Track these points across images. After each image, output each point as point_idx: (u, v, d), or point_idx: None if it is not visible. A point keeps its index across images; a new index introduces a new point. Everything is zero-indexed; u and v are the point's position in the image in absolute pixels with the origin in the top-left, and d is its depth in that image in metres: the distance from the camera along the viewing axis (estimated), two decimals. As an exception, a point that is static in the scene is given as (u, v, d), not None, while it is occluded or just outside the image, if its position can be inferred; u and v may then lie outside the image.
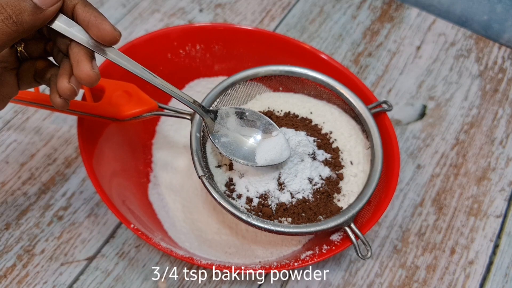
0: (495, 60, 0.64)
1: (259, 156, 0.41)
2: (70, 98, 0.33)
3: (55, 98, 0.33)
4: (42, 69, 0.36)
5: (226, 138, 0.41)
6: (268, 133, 0.42)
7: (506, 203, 0.52)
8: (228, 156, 0.40)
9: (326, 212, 0.42)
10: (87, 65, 0.32)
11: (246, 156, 0.41)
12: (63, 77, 0.33)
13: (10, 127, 0.54)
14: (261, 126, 0.42)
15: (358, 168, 0.45)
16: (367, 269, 0.48)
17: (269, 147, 0.41)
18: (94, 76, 0.32)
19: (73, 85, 0.33)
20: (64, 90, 0.32)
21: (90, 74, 0.32)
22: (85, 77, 0.32)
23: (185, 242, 0.46)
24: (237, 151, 0.41)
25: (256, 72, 0.47)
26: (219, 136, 0.41)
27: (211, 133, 0.41)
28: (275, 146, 0.41)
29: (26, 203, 0.49)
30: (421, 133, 0.57)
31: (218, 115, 0.41)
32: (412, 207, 0.52)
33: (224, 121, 0.41)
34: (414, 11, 0.68)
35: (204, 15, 0.66)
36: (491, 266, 0.49)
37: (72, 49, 0.32)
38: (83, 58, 0.32)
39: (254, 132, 0.42)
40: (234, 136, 0.41)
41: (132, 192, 0.48)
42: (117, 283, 0.46)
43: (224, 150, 0.41)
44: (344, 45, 0.64)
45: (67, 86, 0.32)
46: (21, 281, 0.45)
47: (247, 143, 0.42)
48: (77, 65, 0.32)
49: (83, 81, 0.32)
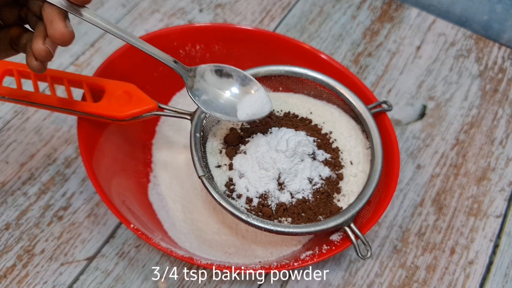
0: (495, 60, 0.64)
1: (240, 111, 0.41)
2: (46, 60, 0.33)
3: (31, 62, 0.33)
4: (18, 36, 0.36)
5: (206, 95, 0.41)
6: (248, 88, 0.42)
7: (506, 203, 0.52)
8: (210, 112, 0.41)
9: (326, 212, 0.42)
10: (61, 24, 0.32)
11: (228, 112, 0.41)
12: (38, 38, 0.33)
13: (10, 127, 0.54)
14: (239, 80, 0.42)
15: (358, 168, 0.45)
16: (367, 269, 0.48)
17: (250, 102, 0.41)
18: (67, 34, 0.32)
19: (48, 46, 0.33)
20: (39, 52, 0.32)
21: (63, 32, 0.32)
22: (59, 36, 0.32)
23: (185, 242, 0.46)
24: (218, 108, 0.41)
25: (256, 72, 0.47)
26: (199, 93, 0.41)
27: (190, 90, 0.41)
28: (256, 101, 0.41)
29: (26, 203, 0.49)
30: (421, 133, 0.57)
31: (197, 73, 0.41)
32: (412, 207, 0.52)
33: (204, 79, 0.41)
34: (414, 11, 0.68)
35: (204, 15, 0.66)
36: (491, 266, 0.49)
37: (45, 9, 0.32)
38: (56, 17, 0.32)
39: (232, 85, 0.42)
40: (214, 93, 0.42)
41: (132, 192, 0.48)
42: (117, 283, 0.46)
43: (205, 107, 0.41)
44: (344, 45, 0.64)
45: (42, 47, 0.32)
46: (21, 281, 0.45)
47: (227, 99, 0.42)
48: (50, 24, 0.32)
49: (57, 40, 0.32)
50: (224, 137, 0.45)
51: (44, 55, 0.33)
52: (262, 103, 0.41)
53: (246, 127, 0.46)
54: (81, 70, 0.60)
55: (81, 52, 0.61)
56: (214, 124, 0.46)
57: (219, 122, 0.46)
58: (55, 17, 0.32)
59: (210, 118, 0.45)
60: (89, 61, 0.60)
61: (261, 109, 0.41)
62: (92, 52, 0.61)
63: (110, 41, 0.62)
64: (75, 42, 0.62)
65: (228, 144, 0.44)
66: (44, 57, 0.33)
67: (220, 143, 0.45)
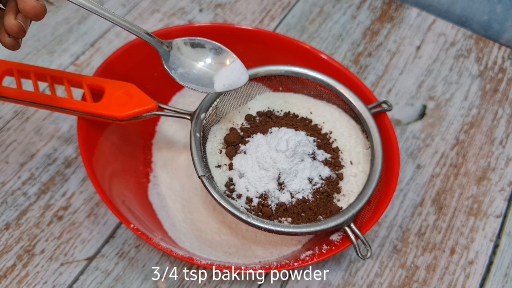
0: (495, 60, 0.64)
1: (217, 83, 0.41)
2: (18, 36, 0.33)
3: (4, 38, 0.33)
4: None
5: (182, 68, 0.41)
6: (223, 59, 0.42)
7: (506, 203, 0.52)
8: (185, 85, 0.41)
9: (326, 212, 0.42)
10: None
11: (204, 83, 0.42)
12: (9, 14, 0.32)
13: (10, 127, 0.54)
14: (213, 51, 0.42)
15: (358, 168, 0.45)
16: (367, 269, 0.48)
17: (226, 73, 0.42)
18: (39, 7, 0.32)
19: (20, 21, 0.32)
20: (11, 27, 0.32)
21: (35, 5, 0.31)
22: (30, 10, 0.31)
23: (185, 242, 0.46)
24: (194, 80, 0.41)
25: (256, 72, 0.47)
26: (175, 66, 0.41)
27: (166, 63, 0.41)
28: (232, 71, 0.42)
29: (26, 203, 0.49)
30: (421, 133, 0.57)
31: (173, 46, 0.42)
32: (412, 207, 0.52)
33: (180, 52, 0.42)
34: (414, 11, 0.68)
35: (204, 15, 0.66)
36: (491, 266, 0.49)
37: None
38: None
39: (207, 57, 0.42)
40: (190, 65, 0.42)
41: (132, 192, 0.48)
42: (117, 283, 0.46)
43: (181, 79, 0.41)
44: (344, 45, 0.64)
45: (14, 23, 0.32)
46: (21, 281, 0.45)
47: (203, 71, 0.42)
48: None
49: (28, 14, 0.31)
50: (224, 137, 0.45)
51: (16, 30, 0.32)
52: (239, 73, 0.42)
53: (246, 127, 0.46)
54: (81, 70, 0.60)
55: (81, 52, 0.61)
56: (214, 124, 0.46)
57: (219, 122, 0.46)
58: None
59: (210, 118, 0.45)
60: (89, 61, 0.60)
61: (238, 80, 0.41)
62: (92, 52, 0.61)
63: (110, 41, 0.62)
64: (75, 42, 0.62)
65: (228, 144, 0.44)
66: (16, 32, 0.32)
67: (220, 143, 0.45)
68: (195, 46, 0.42)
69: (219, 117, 0.46)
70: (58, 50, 0.61)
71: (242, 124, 0.46)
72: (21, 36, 0.33)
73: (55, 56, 0.60)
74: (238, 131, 0.45)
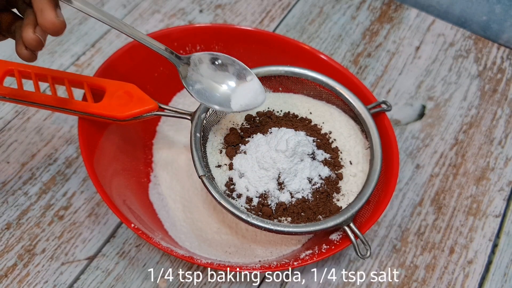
0: (494, 60, 0.64)
1: (234, 102, 0.41)
2: (36, 49, 0.33)
3: (21, 50, 0.33)
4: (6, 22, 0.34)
5: (200, 84, 0.41)
6: (242, 78, 0.42)
7: (505, 202, 0.53)
8: (202, 102, 0.40)
9: (325, 211, 0.42)
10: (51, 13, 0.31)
11: (221, 102, 0.41)
12: (27, 27, 0.32)
13: (11, 127, 0.54)
14: (235, 72, 0.42)
15: (358, 168, 0.45)
16: (366, 269, 0.48)
17: (244, 92, 0.41)
18: (59, 24, 0.31)
19: (38, 35, 0.32)
20: (29, 41, 0.32)
21: (54, 22, 0.31)
22: (49, 26, 0.31)
23: (185, 242, 0.46)
24: (211, 98, 0.41)
25: (256, 72, 0.47)
26: (192, 82, 0.41)
27: (184, 79, 0.40)
28: (250, 91, 0.41)
29: (27, 203, 0.50)
30: (420, 133, 0.57)
31: (191, 61, 0.41)
32: (411, 207, 0.52)
33: (198, 68, 0.41)
34: (413, 11, 0.69)
35: (204, 16, 0.66)
36: (490, 266, 0.49)
37: None
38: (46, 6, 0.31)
39: (227, 78, 0.42)
40: (207, 83, 0.41)
41: (132, 192, 0.48)
42: (117, 283, 0.46)
43: (198, 96, 0.40)
44: (344, 45, 0.65)
45: (32, 37, 0.32)
46: (21, 281, 0.45)
47: (221, 89, 0.41)
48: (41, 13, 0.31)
49: (48, 30, 0.31)
50: (224, 137, 0.45)
51: (34, 44, 0.32)
52: (256, 93, 0.41)
53: (246, 127, 0.46)
54: (82, 70, 0.60)
55: (82, 53, 0.61)
56: (214, 124, 0.46)
57: (219, 122, 0.46)
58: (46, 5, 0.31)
59: (210, 118, 0.45)
60: (89, 61, 0.61)
61: (255, 100, 0.41)
62: (93, 53, 0.61)
63: (110, 42, 0.62)
64: (75, 42, 0.62)
65: (228, 144, 0.45)
66: (34, 46, 0.32)
67: (220, 143, 0.45)
68: (213, 61, 0.42)
69: (219, 117, 0.46)
70: (59, 50, 0.61)
71: (242, 124, 0.46)
72: (39, 49, 0.33)
73: (55, 57, 0.61)
74: (238, 131, 0.45)
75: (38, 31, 0.32)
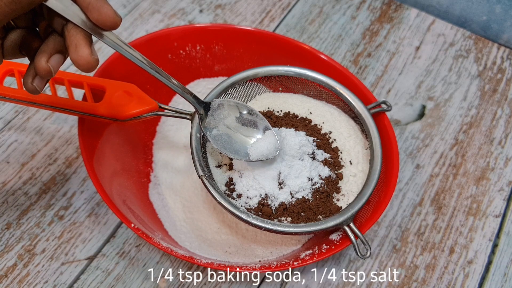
0: (494, 60, 0.64)
1: (251, 153, 0.41)
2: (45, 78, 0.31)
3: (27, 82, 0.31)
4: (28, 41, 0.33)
5: (217, 130, 0.41)
6: (261, 132, 0.42)
7: (505, 203, 0.53)
8: (219, 149, 0.41)
9: (325, 211, 0.42)
10: (86, 50, 0.29)
11: (237, 150, 0.41)
12: (43, 54, 0.30)
13: (11, 127, 0.55)
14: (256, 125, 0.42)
15: (358, 168, 0.45)
16: (366, 269, 0.48)
17: (261, 146, 0.41)
18: (93, 62, 0.30)
19: (50, 66, 0.30)
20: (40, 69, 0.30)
21: (89, 60, 0.29)
22: (83, 63, 0.29)
23: (185, 242, 0.46)
24: (227, 144, 0.41)
25: (256, 73, 0.47)
26: (211, 127, 0.41)
27: (202, 123, 0.41)
28: (268, 145, 0.41)
29: (27, 203, 0.50)
30: (420, 133, 0.57)
31: (211, 106, 0.41)
32: (411, 207, 0.52)
33: (217, 113, 0.42)
34: (413, 11, 0.69)
35: (204, 16, 0.66)
36: (490, 266, 0.49)
37: (69, 31, 0.30)
38: (81, 42, 0.29)
39: (249, 132, 0.42)
40: (225, 129, 0.42)
41: (132, 191, 0.48)
42: (117, 283, 0.46)
43: (215, 142, 0.41)
44: (344, 45, 0.65)
45: (44, 67, 0.30)
46: (21, 281, 0.45)
47: (237, 137, 0.42)
48: (74, 49, 0.29)
49: (80, 67, 0.30)
50: (224, 137, 0.45)
51: (44, 73, 0.30)
52: (272, 147, 0.41)
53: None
54: (82, 71, 0.60)
55: (82, 53, 0.61)
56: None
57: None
58: (81, 41, 0.29)
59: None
60: (89, 62, 0.61)
61: (271, 152, 0.41)
62: (93, 53, 0.61)
63: (110, 42, 0.62)
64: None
65: (228, 144, 0.45)
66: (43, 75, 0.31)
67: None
68: (231, 107, 0.42)
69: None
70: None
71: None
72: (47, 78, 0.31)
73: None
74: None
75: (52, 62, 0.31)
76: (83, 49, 0.29)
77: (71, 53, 0.30)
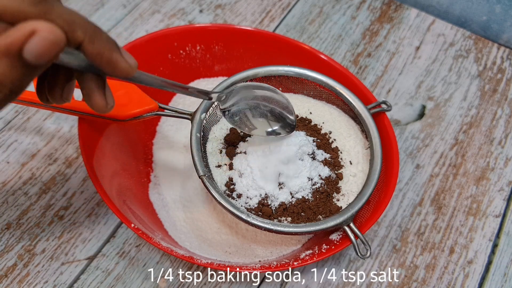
0: (494, 60, 0.64)
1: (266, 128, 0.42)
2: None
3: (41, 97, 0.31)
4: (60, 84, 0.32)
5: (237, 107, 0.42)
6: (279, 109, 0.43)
7: (505, 203, 0.53)
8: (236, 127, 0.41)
9: (325, 211, 0.42)
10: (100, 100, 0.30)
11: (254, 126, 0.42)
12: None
13: (11, 127, 0.55)
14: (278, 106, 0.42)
15: (358, 168, 0.45)
16: (366, 269, 0.48)
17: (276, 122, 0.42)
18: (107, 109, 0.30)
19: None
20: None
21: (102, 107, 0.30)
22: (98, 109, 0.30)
23: (185, 242, 0.46)
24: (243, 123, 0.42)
25: (256, 73, 0.47)
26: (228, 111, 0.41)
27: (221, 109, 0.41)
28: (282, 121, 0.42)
29: (27, 203, 0.50)
30: (420, 133, 0.57)
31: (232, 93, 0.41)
32: (411, 207, 0.52)
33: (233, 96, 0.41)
34: (413, 11, 0.69)
35: (204, 16, 0.66)
36: (490, 266, 0.49)
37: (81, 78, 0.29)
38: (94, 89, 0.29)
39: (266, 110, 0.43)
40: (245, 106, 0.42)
41: (132, 192, 0.48)
42: (117, 283, 0.46)
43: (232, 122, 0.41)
44: (344, 45, 0.65)
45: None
46: (21, 281, 0.45)
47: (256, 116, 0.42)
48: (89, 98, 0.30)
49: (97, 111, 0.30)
50: (224, 137, 0.45)
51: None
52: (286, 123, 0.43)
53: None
54: (82, 71, 0.60)
55: (82, 53, 0.61)
56: (214, 124, 0.46)
57: (219, 122, 0.46)
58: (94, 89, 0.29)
59: (210, 118, 0.45)
60: (89, 62, 0.61)
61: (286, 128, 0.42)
62: (93, 53, 0.61)
63: (110, 42, 0.62)
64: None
65: (228, 144, 0.45)
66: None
67: (221, 143, 0.45)
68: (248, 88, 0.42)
69: (219, 117, 0.46)
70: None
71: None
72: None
73: (55, 57, 0.61)
74: (238, 131, 0.45)
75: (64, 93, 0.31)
76: (95, 98, 0.30)
77: (86, 101, 0.30)
